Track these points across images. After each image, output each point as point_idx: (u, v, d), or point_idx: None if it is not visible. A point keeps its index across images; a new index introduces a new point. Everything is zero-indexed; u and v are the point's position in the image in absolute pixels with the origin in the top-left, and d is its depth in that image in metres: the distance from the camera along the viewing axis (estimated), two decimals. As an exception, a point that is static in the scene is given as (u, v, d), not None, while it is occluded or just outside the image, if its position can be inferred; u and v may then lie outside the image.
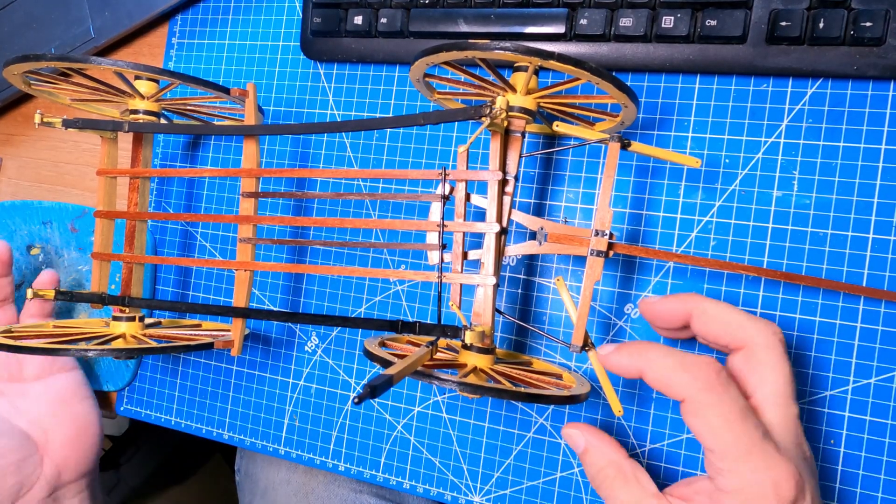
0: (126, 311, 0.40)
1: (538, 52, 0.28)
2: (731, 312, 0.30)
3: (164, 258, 0.39)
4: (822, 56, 0.33)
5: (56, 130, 0.54)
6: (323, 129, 0.35)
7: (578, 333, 0.32)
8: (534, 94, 0.33)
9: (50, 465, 0.44)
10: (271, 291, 0.46)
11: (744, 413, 0.28)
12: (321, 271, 0.36)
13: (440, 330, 0.33)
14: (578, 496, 0.38)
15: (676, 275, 0.37)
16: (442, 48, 0.30)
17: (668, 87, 0.37)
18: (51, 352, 0.34)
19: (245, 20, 0.47)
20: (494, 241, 0.32)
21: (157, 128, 0.39)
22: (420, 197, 0.34)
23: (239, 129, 0.38)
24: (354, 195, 0.36)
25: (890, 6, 0.32)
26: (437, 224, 0.33)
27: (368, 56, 0.42)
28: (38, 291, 0.40)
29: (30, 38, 0.50)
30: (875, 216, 0.33)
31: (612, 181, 0.31)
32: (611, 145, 0.31)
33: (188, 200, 0.49)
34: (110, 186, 0.41)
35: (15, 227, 0.52)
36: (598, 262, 0.31)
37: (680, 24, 0.35)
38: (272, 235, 0.46)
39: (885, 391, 0.33)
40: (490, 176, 0.32)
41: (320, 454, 0.44)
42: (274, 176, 0.37)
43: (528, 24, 0.38)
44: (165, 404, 0.49)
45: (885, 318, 0.33)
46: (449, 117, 0.32)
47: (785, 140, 0.35)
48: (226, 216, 0.38)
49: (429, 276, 0.33)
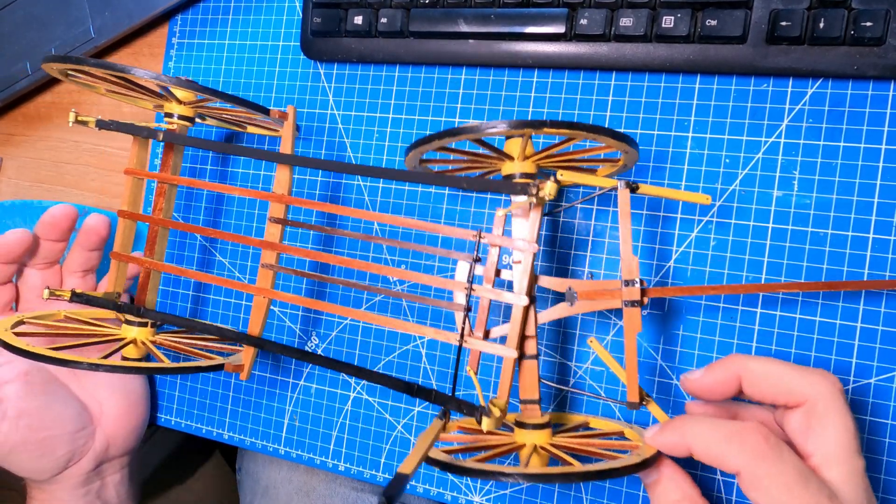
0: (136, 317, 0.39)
1: (530, 124, 0.28)
2: (782, 369, 0.29)
3: (184, 270, 0.38)
4: (823, 56, 0.33)
5: (56, 130, 0.54)
6: (362, 172, 0.34)
7: (632, 391, 0.30)
8: (532, 158, 0.32)
9: (101, 439, 0.44)
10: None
11: (804, 477, 0.26)
12: (342, 312, 0.34)
13: (455, 404, 0.31)
14: (578, 496, 0.38)
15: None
16: (434, 137, 0.30)
17: (668, 87, 0.37)
18: (57, 361, 0.34)
19: (245, 20, 0.47)
20: (522, 314, 0.31)
21: (192, 142, 0.38)
22: (451, 254, 0.33)
23: (278, 157, 0.36)
24: (386, 240, 0.34)
25: (890, 6, 0.32)
26: (466, 286, 0.32)
27: (368, 56, 0.42)
28: (56, 291, 0.39)
29: (30, 38, 0.50)
30: (875, 216, 0.33)
31: (629, 227, 0.30)
32: (620, 192, 0.30)
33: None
34: (137, 187, 0.40)
35: (15, 227, 0.52)
36: (635, 313, 0.30)
37: (680, 24, 0.35)
38: (292, 264, 0.45)
39: (885, 391, 0.33)
40: (526, 247, 0.31)
41: (320, 454, 0.44)
42: (304, 207, 0.36)
43: (527, 24, 0.38)
44: (165, 404, 0.49)
45: (885, 318, 0.33)
46: (494, 188, 0.31)
47: (785, 140, 0.35)
48: (252, 239, 0.37)
49: (449, 336, 0.32)
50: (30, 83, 0.51)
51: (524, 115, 0.40)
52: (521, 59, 0.39)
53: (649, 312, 0.37)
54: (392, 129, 0.43)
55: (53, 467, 0.42)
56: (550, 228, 0.39)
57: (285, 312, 0.45)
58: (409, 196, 0.43)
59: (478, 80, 0.41)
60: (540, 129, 0.28)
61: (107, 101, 0.52)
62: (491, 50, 0.39)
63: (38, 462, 0.42)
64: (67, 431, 0.42)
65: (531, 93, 0.40)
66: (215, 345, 0.41)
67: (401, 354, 0.42)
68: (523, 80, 0.40)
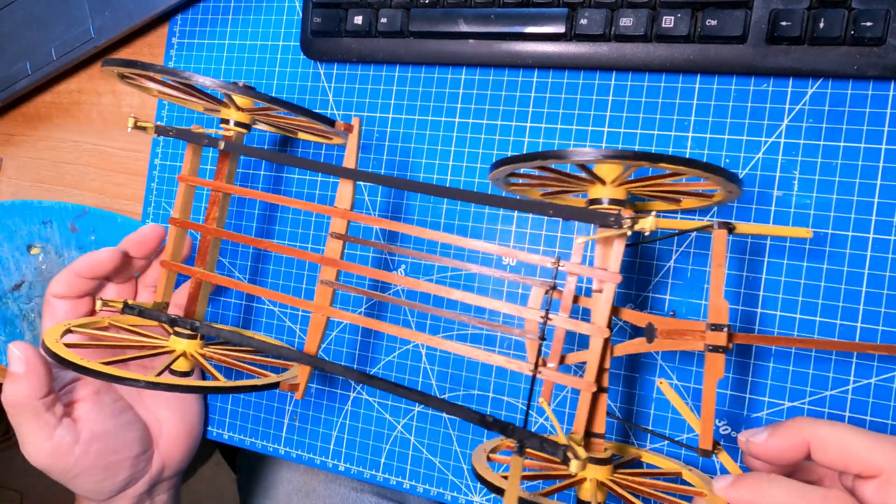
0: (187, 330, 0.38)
1: (647, 157, 0.26)
2: (856, 437, 0.27)
3: (238, 283, 0.36)
4: (823, 56, 0.33)
5: (56, 130, 0.54)
6: (439, 193, 0.32)
7: (706, 438, 0.29)
8: (624, 185, 0.31)
9: (157, 461, 0.44)
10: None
11: None
12: (405, 335, 0.33)
13: (538, 442, 0.30)
14: (578, 496, 0.38)
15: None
16: (535, 157, 0.28)
17: (668, 87, 0.37)
18: (113, 378, 0.32)
19: (245, 20, 0.47)
20: (602, 346, 0.30)
21: (253, 152, 0.37)
22: (525, 280, 0.32)
23: (345, 172, 0.35)
24: (455, 262, 0.33)
25: (890, 6, 0.32)
26: (542, 314, 0.31)
27: (368, 56, 0.42)
28: (108, 302, 0.39)
29: (30, 38, 0.50)
30: (875, 216, 0.33)
31: (723, 271, 0.29)
32: (716, 233, 0.29)
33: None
34: (189, 194, 0.39)
35: (15, 227, 0.52)
36: (719, 359, 0.29)
37: (680, 24, 0.35)
38: (350, 281, 0.44)
39: (885, 391, 0.33)
40: (608, 277, 0.30)
41: (320, 454, 0.44)
42: (368, 224, 0.35)
43: (528, 24, 0.38)
44: (166, 404, 0.49)
45: (885, 318, 0.33)
46: (583, 217, 0.29)
47: (785, 140, 0.35)
48: (313, 255, 0.36)
49: (522, 366, 0.31)
50: (30, 83, 0.51)
51: (524, 116, 0.40)
52: (521, 59, 0.39)
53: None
54: (392, 130, 0.43)
55: (112, 490, 0.42)
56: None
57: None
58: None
59: (478, 80, 0.41)
60: (657, 162, 0.26)
61: (107, 101, 0.52)
62: (491, 50, 0.39)
63: (99, 485, 0.41)
64: (132, 455, 0.42)
65: (531, 93, 0.40)
66: (262, 358, 0.40)
67: (401, 354, 0.42)
68: (523, 80, 0.40)
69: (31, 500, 1.40)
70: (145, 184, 0.50)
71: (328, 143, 0.44)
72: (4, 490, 1.43)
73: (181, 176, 0.39)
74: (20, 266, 0.51)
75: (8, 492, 1.41)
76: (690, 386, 0.36)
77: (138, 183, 0.51)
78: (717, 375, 0.29)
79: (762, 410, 0.35)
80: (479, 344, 0.40)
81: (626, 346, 0.32)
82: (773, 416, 0.35)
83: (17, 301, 0.52)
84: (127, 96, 0.51)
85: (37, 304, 0.52)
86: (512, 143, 0.40)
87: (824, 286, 0.34)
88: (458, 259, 0.41)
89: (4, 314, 0.52)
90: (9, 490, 1.42)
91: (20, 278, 0.51)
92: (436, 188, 0.33)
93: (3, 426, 1.41)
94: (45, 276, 0.51)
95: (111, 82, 0.52)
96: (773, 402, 0.35)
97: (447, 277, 0.42)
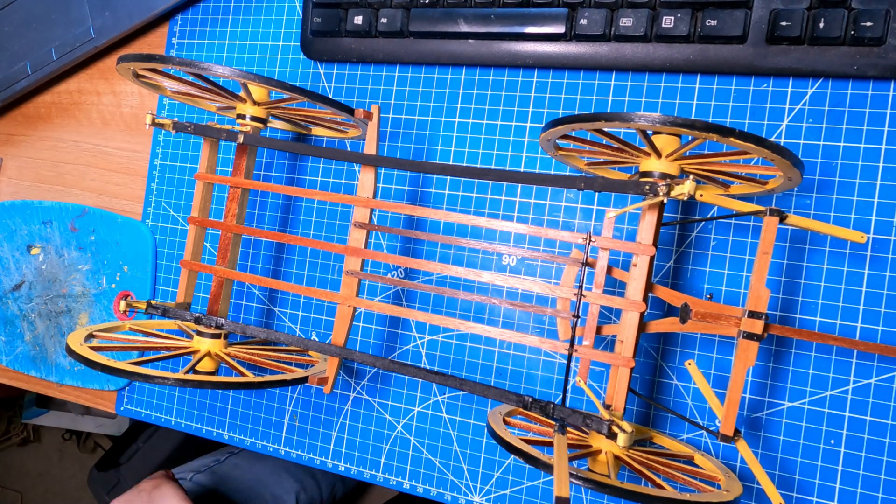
0: (212, 328, 0.38)
1: (718, 130, 0.25)
2: None
3: (262, 279, 0.36)
4: (823, 56, 0.33)
5: (56, 130, 0.54)
6: (464, 174, 0.32)
7: (728, 423, 0.29)
8: (679, 160, 0.30)
9: None
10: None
11: None
12: (435, 321, 0.33)
13: (581, 419, 0.29)
14: (578, 496, 0.38)
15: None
16: (600, 117, 0.27)
17: (668, 87, 0.37)
18: (133, 375, 0.32)
19: (245, 20, 0.47)
20: (638, 321, 0.30)
21: (273, 144, 0.36)
22: (557, 259, 0.32)
23: (368, 160, 0.35)
24: (485, 244, 0.32)
25: (890, 6, 0.32)
26: (575, 292, 0.30)
27: (368, 56, 0.42)
28: (132, 303, 0.38)
29: (30, 38, 0.50)
30: (875, 216, 0.33)
31: (768, 259, 0.28)
32: (767, 220, 0.28)
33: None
34: (207, 192, 0.39)
35: (15, 227, 0.52)
36: (752, 346, 0.28)
37: (680, 24, 0.35)
38: (376, 270, 0.43)
39: (885, 391, 0.33)
40: (642, 250, 0.29)
41: (320, 454, 0.44)
42: (392, 210, 0.35)
43: (527, 24, 0.38)
44: (165, 404, 0.49)
45: (885, 318, 0.33)
46: (616, 188, 0.29)
47: (785, 140, 0.35)
48: (336, 245, 0.35)
49: (558, 346, 0.31)
50: (30, 83, 0.51)
51: (524, 116, 0.40)
52: (521, 59, 0.39)
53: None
54: (392, 130, 0.43)
55: None
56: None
57: (285, 313, 0.45)
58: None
59: (478, 80, 0.41)
60: (728, 136, 0.25)
61: (107, 101, 0.52)
62: (491, 50, 0.39)
63: None
64: None
65: (531, 93, 0.40)
66: (285, 356, 0.40)
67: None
68: (523, 80, 0.40)
69: (32, 500, 1.40)
70: (145, 184, 0.50)
71: (343, 137, 0.44)
72: (5, 490, 1.43)
73: (199, 174, 0.38)
74: (20, 266, 0.51)
75: (8, 492, 1.42)
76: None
77: (138, 183, 0.51)
78: (748, 363, 0.29)
79: (762, 410, 0.35)
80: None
81: (658, 324, 0.31)
82: (773, 416, 0.35)
83: (17, 301, 0.52)
84: (127, 97, 0.51)
85: (37, 304, 0.52)
86: (512, 143, 0.40)
87: (824, 286, 0.34)
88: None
89: (4, 314, 0.52)
90: (9, 490, 1.42)
91: (20, 278, 0.51)
92: (463, 168, 0.32)
93: (3, 426, 1.41)
94: (45, 276, 0.51)
95: (111, 82, 0.52)
96: (773, 401, 0.35)
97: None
